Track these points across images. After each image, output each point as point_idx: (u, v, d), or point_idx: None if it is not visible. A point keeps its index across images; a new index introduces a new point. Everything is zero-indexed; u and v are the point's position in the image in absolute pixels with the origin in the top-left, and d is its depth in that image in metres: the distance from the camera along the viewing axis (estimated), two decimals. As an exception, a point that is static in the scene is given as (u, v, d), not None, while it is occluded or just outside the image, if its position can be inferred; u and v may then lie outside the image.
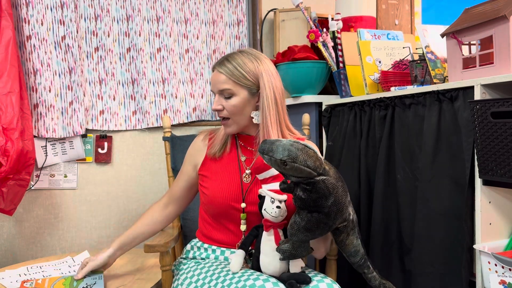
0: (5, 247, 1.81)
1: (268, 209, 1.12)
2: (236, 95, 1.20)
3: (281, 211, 1.12)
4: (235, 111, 1.21)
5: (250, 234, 1.16)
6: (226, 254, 1.23)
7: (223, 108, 1.21)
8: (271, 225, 1.13)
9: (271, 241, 1.12)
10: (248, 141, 1.30)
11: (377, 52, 1.60)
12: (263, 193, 1.14)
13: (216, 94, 1.23)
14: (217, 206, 1.22)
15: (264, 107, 1.19)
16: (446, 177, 1.19)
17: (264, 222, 1.13)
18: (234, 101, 1.20)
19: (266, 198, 1.13)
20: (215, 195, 1.22)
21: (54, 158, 1.83)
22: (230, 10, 2.12)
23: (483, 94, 1.08)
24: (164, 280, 1.25)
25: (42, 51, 1.75)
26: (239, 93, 1.20)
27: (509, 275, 1.00)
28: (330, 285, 1.06)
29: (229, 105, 1.20)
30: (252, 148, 1.30)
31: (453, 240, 1.17)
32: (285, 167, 0.98)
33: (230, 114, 1.21)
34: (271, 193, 1.12)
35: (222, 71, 1.20)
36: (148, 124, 1.95)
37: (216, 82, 1.21)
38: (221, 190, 1.22)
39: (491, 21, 1.07)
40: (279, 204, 1.11)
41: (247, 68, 1.19)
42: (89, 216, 1.91)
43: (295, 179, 1.02)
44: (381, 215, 1.41)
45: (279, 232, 1.14)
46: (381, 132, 1.45)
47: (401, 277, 1.36)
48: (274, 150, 0.99)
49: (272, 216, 1.12)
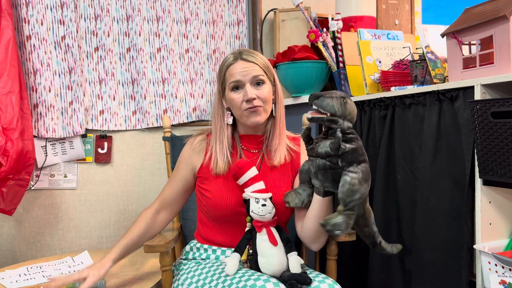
0: (5, 247, 1.81)
1: (255, 209, 1.13)
2: (266, 83, 1.22)
3: (268, 208, 1.13)
4: (268, 98, 1.21)
5: (244, 237, 1.15)
6: (227, 253, 1.23)
7: (256, 96, 1.19)
8: (262, 224, 1.13)
9: (265, 241, 1.12)
10: (253, 142, 1.28)
11: (377, 52, 1.60)
12: (246, 196, 1.15)
13: (246, 83, 1.19)
14: (222, 211, 1.21)
15: (280, 100, 1.27)
16: (446, 177, 1.19)
17: (255, 223, 1.14)
18: (267, 88, 1.22)
19: (251, 200, 1.14)
20: (220, 200, 1.20)
21: (54, 158, 1.83)
22: (230, 10, 2.12)
23: (483, 94, 1.08)
24: (164, 280, 1.25)
25: (42, 51, 1.75)
26: (267, 82, 1.23)
27: (509, 275, 1.00)
28: (331, 285, 1.06)
29: (263, 92, 1.20)
30: (255, 149, 1.28)
31: (453, 240, 1.16)
32: (345, 103, 1.00)
33: (263, 101, 1.20)
34: (254, 194, 1.14)
35: (254, 61, 1.21)
36: (148, 124, 1.95)
37: (249, 70, 1.19)
38: (226, 194, 1.21)
39: (491, 21, 1.07)
40: (264, 202, 1.13)
41: (268, 62, 1.25)
42: (89, 216, 1.91)
43: (338, 132, 1.00)
44: (381, 215, 1.41)
45: (272, 230, 1.15)
46: (381, 132, 1.45)
47: (401, 277, 1.36)
48: (330, 92, 1.02)
49: (260, 215, 1.13)
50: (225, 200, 1.20)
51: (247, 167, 1.17)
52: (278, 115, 1.26)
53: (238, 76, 1.19)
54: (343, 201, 1.00)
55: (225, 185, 1.22)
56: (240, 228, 1.19)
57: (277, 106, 1.26)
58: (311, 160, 1.07)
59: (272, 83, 1.26)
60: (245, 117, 1.21)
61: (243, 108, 1.19)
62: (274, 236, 1.14)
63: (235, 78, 1.19)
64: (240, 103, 1.19)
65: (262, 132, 1.28)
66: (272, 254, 1.11)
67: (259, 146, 1.28)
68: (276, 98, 1.26)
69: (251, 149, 1.28)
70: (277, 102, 1.26)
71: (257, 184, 1.17)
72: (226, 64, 1.23)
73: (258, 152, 1.28)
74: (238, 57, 1.21)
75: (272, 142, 1.26)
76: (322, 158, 1.02)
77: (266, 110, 1.22)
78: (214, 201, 1.21)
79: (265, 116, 1.22)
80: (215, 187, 1.22)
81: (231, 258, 1.10)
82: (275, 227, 1.17)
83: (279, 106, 1.26)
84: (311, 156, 1.06)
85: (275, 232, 1.15)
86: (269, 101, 1.23)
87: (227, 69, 1.22)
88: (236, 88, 1.20)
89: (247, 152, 1.28)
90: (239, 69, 1.20)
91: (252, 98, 1.18)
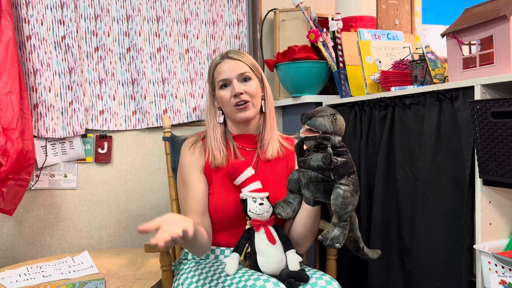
0: (5, 247, 1.81)
1: (252, 209, 1.14)
2: (253, 79, 1.26)
3: (265, 207, 1.15)
4: (255, 93, 1.25)
5: (243, 237, 1.16)
6: (227, 253, 1.23)
7: (243, 91, 1.23)
8: (260, 223, 1.14)
9: (264, 240, 1.13)
10: (247, 141, 1.30)
11: (377, 52, 1.60)
12: (244, 196, 1.17)
13: (234, 81, 1.24)
14: (223, 216, 1.22)
15: (269, 97, 1.32)
16: (446, 177, 1.19)
17: (253, 222, 1.15)
18: (254, 84, 1.26)
19: (248, 200, 1.16)
20: (222, 206, 1.21)
21: (54, 158, 1.83)
22: (230, 10, 2.12)
23: (483, 94, 1.08)
24: (164, 280, 1.25)
25: (42, 51, 1.75)
26: (254, 78, 1.27)
27: (509, 275, 1.00)
28: (329, 282, 1.06)
29: (250, 87, 1.25)
30: (251, 148, 1.30)
31: (453, 240, 1.17)
32: (335, 119, 1.05)
33: (251, 96, 1.24)
34: (251, 193, 1.16)
35: (239, 58, 1.26)
36: (148, 124, 1.95)
37: (235, 67, 1.25)
38: (227, 199, 1.21)
39: (491, 21, 1.07)
40: (261, 201, 1.15)
41: (255, 60, 1.31)
42: (89, 216, 1.91)
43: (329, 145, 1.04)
44: (381, 215, 1.41)
45: (270, 228, 1.15)
46: (381, 132, 1.45)
47: (401, 277, 1.36)
48: (320, 110, 1.05)
49: (258, 214, 1.14)
50: (226, 206, 1.21)
51: (244, 167, 1.19)
52: (268, 111, 1.31)
53: (225, 74, 1.24)
54: (337, 213, 1.03)
55: (226, 190, 1.23)
56: (240, 230, 1.20)
57: (266, 102, 1.31)
58: (302, 172, 1.10)
59: (260, 80, 1.31)
60: (235, 113, 1.24)
61: (232, 104, 1.23)
62: (272, 235, 1.14)
63: (223, 76, 1.24)
64: (229, 99, 1.23)
65: (255, 130, 1.31)
66: (270, 253, 1.12)
67: (254, 145, 1.31)
68: (265, 94, 1.31)
69: (246, 147, 1.30)
70: (266, 99, 1.31)
71: (254, 183, 1.18)
72: (213, 64, 1.29)
73: (253, 150, 1.30)
74: (224, 56, 1.27)
75: (265, 137, 1.29)
76: (314, 171, 1.05)
77: (255, 105, 1.26)
78: (216, 206, 1.22)
79: (254, 111, 1.26)
80: (216, 191, 1.23)
81: (230, 258, 1.10)
82: (273, 226, 1.17)
83: (268, 102, 1.32)
84: (303, 168, 1.08)
85: (273, 230, 1.16)
86: (257, 96, 1.27)
87: (214, 69, 1.28)
88: (224, 86, 1.25)
89: (242, 150, 1.30)
90: (225, 67, 1.25)
91: (239, 93, 1.22)
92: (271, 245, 1.13)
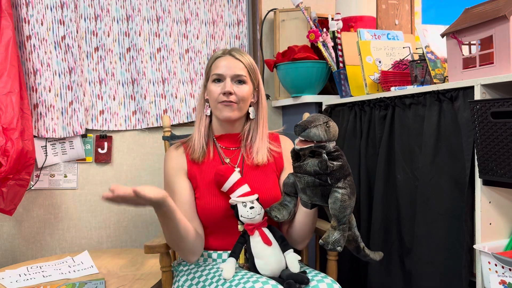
0: (5, 247, 1.81)
1: (244, 214, 1.14)
2: (247, 84, 1.26)
3: (257, 210, 1.14)
4: (245, 98, 1.25)
5: (238, 242, 1.15)
6: (224, 256, 1.23)
7: (234, 92, 1.23)
8: (253, 227, 1.14)
9: (259, 243, 1.12)
10: (231, 140, 1.30)
11: (377, 52, 1.60)
12: (233, 202, 1.16)
13: (227, 78, 1.23)
14: (212, 218, 1.20)
15: (262, 103, 1.32)
16: (446, 177, 1.19)
17: (246, 227, 1.14)
18: (246, 88, 1.25)
19: (238, 205, 1.15)
20: (209, 208, 1.20)
21: (54, 158, 1.83)
22: (230, 10, 2.12)
23: (483, 94, 1.08)
24: (164, 281, 1.25)
25: (42, 51, 1.75)
26: (248, 83, 1.27)
27: (509, 275, 1.00)
28: (330, 285, 1.06)
29: (241, 91, 1.24)
30: (235, 147, 1.30)
31: (453, 240, 1.17)
32: (328, 127, 1.04)
33: (240, 100, 1.24)
34: (241, 198, 1.15)
35: (241, 59, 1.26)
36: (148, 124, 1.95)
37: (233, 66, 1.24)
38: (214, 200, 1.20)
39: (491, 21, 1.07)
40: (252, 205, 1.14)
41: (256, 66, 1.30)
42: (89, 216, 1.91)
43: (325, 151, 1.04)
44: (381, 215, 1.41)
45: (265, 230, 1.15)
46: (381, 132, 1.45)
47: (401, 277, 1.36)
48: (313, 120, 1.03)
49: (250, 218, 1.13)
50: (214, 206, 1.20)
51: (229, 172, 1.18)
52: (261, 119, 1.31)
53: (221, 69, 1.24)
54: (336, 217, 1.04)
55: (212, 191, 1.22)
56: (233, 231, 1.19)
57: (260, 109, 1.31)
58: (298, 177, 1.09)
59: (255, 87, 1.30)
60: (219, 110, 1.24)
61: (219, 100, 1.23)
62: (267, 237, 1.14)
63: (218, 71, 1.24)
64: (217, 95, 1.23)
65: (240, 130, 1.31)
66: (268, 255, 1.11)
67: (237, 144, 1.31)
68: (259, 101, 1.31)
69: (230, 147, 1.30)
70: (260, 106, 1.31)
71: (242, 187, 1.17)
72: (214, 56, 1.29)
73: (237, 150, 1.30)
74: (227, 52, 1.27)
75: (255, 144, 1.28)
76: (311, 176, 1.05)
77: (241, 109, 1.25)
78: (203, 208, 1.21)
79: (238, 114, 1.25)
80: (202, 193, 1.22)
81: (226, 263, 1.10)
82: (268, 227, 1.17)
83: (262, 110, 1.31)
84: (299, 173, 1.08)
85: (268, 232, 1.15)
86: (246, 101, 1.26)
87: (213, 62, 1.28)
88: (218, 81, 1.25)
89: (226, 150, 1.30)
90: (224, 63, 1.25)
91: (229, 92, 1.22)
92: (267, 247, 1.12)
